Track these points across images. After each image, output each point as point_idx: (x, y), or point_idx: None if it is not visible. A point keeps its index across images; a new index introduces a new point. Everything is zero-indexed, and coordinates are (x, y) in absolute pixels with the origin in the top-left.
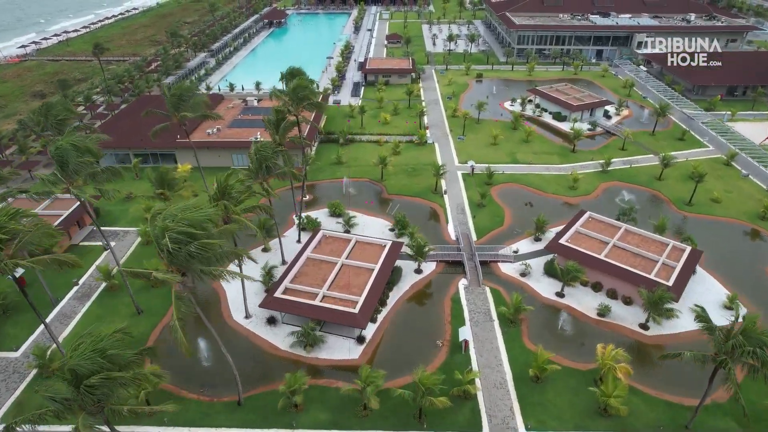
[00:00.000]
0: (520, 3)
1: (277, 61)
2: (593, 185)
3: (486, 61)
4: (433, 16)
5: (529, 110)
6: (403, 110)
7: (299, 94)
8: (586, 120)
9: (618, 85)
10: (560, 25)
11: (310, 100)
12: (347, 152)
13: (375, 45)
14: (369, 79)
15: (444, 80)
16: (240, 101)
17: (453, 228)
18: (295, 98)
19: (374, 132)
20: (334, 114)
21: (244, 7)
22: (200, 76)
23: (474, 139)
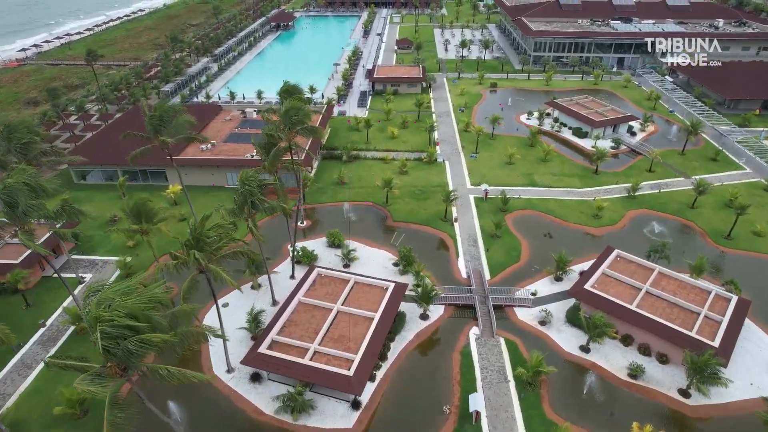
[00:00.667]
0: (537, 7)
1: (283, 66)
2: (619, 214)
3: (500, 68)
4: (445, 19)
5: (547, 125)
6: (412, 124)
7: (292, 118)
8: (608, 136)
9: (642, 97)
10: (579, 32)
11: (304, 124)
12: (350, 171)
13: (384, 50)
14: (377, 87)
15: (456, 90)
16: (239, 113)
17: (464, 264)
18: (288, 122)
19: (380, 148)
20: (338, 126)
21: (251, 9)
22: (201, 83)
23: (488, 158)
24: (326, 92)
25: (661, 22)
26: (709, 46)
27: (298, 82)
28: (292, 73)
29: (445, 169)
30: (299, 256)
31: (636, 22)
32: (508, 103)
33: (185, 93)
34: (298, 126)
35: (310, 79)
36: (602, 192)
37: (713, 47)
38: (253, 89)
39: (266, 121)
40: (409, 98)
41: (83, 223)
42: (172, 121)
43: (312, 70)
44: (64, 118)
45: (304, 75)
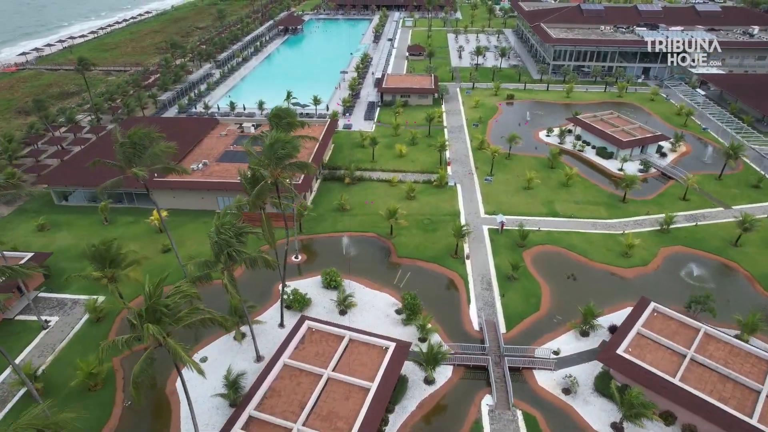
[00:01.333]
0: (557, 13)
1: (289, 73)
2: (651, 251)
3: (518, 78)
4: (460, 24)
5: (568, 143)
6: (423, 139)
7: (278, 153)
8: (636, 157)
9: (671, 112)
10: (602, 40)
11: (292, 158)
12: (353, 196)
13: (395, 57)
14: (386, 98)
15: (470, 102)
16: (236, 127)
17: (476, 313)
18: (273, 157)
19: (387, 167)
20: (343, 142)
21: (260, 11)
22: (200, 91)
23: (503, 181)
24: (332, 103)
25: (690, 29)
26: (709, 47)
27: (304, 90)
28: (297, 80)
29: (456, 194)
30: (290, 300)
31: (663, 29)
32: (526, 118)
33: (183, 102)
34: (286, 161)
35: (316, 87)
36: (631, 224)
37: (713, 47)
38: (256, 98)
39: (249, 154)
40: (420, 110)
41: (56, 255)
42: (148, 150)
43: (319, 78)
44: (52, 130)
45: (311, 83)
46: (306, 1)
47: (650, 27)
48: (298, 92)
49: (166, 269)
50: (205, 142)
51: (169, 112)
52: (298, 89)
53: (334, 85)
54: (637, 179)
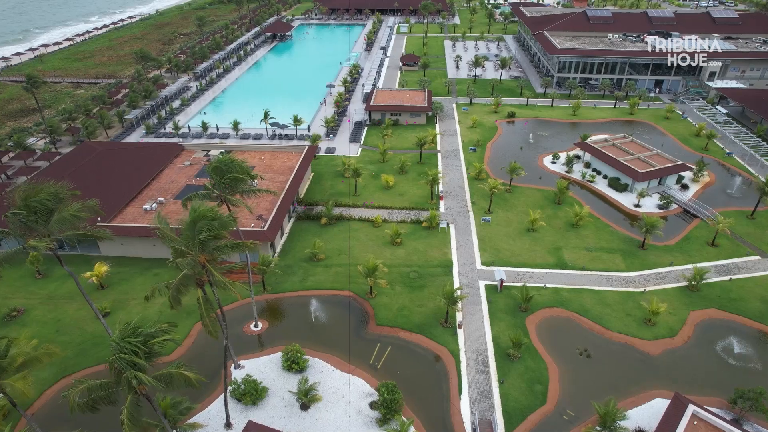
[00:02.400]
0: (561, 20)
1: (272, 85)
2: (679, 316)
3: (519, 92)
4: (458, 29)
5: (576, 172)
6: (413, 167)
7: (201, 236)
8: (653, 189)
9: (689, 133)
10: (611, 50)
11: (220, 240)
12: (331, 239)
13: (388, 67)
14: (374, 117)
15: (467, 120)
16: (203, 154)
17: (468, 406)
18: (195, 240)
19: (372, 203)
20: (324, 170)
21: (248, 17)
22: (172, 109)
23: (504, 220)
24: (315, 123)
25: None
26: (709, 47)
27: (288, 105)
28: (282, 94)
29: (449, 237)
30: (240, 391)
31: (676, 37)
32: (529, 140)
33: (151, 123)
34: (212, 245)
35: (301, 102)
36: (653, 278)
37: (713, 47)
38: (235, 115)
39: (161, 236)
40: (411, 131)
41: None
42: (54, 216)
43: (305, 91)
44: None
45: (296, 96)
46: (297, 6)
47: (662, 35)
48: (282, 107)
49: (99, 344)
50: (165, 173)
51: (136, 133)
52: (281, 105)
53: (320, 100)
54: (659, 224)
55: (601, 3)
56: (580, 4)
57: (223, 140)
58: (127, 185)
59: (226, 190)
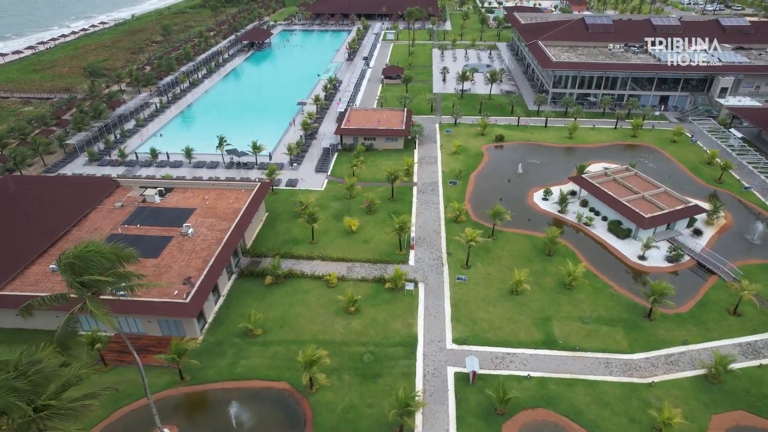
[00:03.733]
0: (557, 28)
1: (241, 101)
2: (699, 426)
3: (510, 110)
4: (448, 36)
5: (571, 212)
6: (384, 205)
7: None
8: (661, 234)
9: (699, 160)
10: (612, 64)
11: None
12: (273, 306)
13: (369, 79)
14: (346, 141)
15: (450, 144)
16: (139, 193)
17: None
18: None
19: (330, 254)
20: (281, 208)
21: (226, 22)
22: (124, 131)
23: (483, 279)
24: (281, 147)
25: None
26: (710, 47)
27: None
28: (250, 111)
29: (416, 302)
30: None
31: (683, 48)
32: (518, 171)
33: (95, 150)
34: None
35: (268, 122)
36: (662, 362)
37: (713, 47)
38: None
39: None
40: (387, 157)
41: None
42: None
43: (275, 108)
44: None
45: (264, 115)
46: (282, 10)
47: (668, 46)
48: (248, 127)
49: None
50: (91, 217)
51: (77, 161)
52: (247, 125)
53: (289, 120)
54: (669, 291)
55: (600, 6)
56: (579, 8)
57: (174, 168)
58: (38, 235)
59: (87, 294)
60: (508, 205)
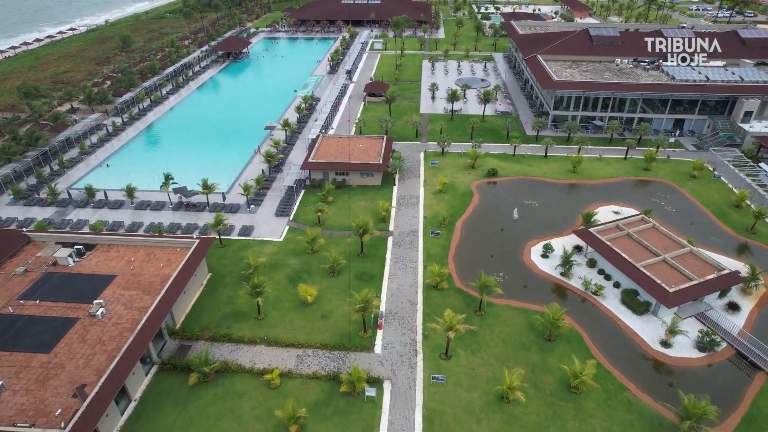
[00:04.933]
0: (558, 40)
1: (205, 123)
2: None
3: (506, 136)
4: (441, 45)
5: (576, 276)
6: (352, 262)
7: None
8: (687, 309)
9: (725, 202)
10: (621, 83)
11: None
12: (197, 414)
13: (351, 97)
14: (315, 176)
15: (434, 179)
16: (52, 252)
17: None
18: None
19: (276, 336)
20: (228, 267)
21: (203, 30)
22: (63, 162)
23: (466, 377)
24: (243, 179)
25: (734, 61)
26: (709, 46)
27: (214, 154)
28: (210, 137)
29: (379, 415)
30: None
31: (699, 65)
32: (513, 216)
33: (23, 187)
34: None
35: (229, 151)
36: None
37: (713, 47)
38: (149, 166)
39: None
40: (362, 195)
41: None
42: None
43: (240, 133)
44: None
45: (226, 142)
46: (266, 15)
47: (683, 61)
48: (208, 155)
49: None
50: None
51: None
52: (208, 152)
53: (255, 147)
54: (710, 413)
55: (603, 12)
56: (581, 14)
57: (114, 209)
58: None
59: None
60: (500, 264)
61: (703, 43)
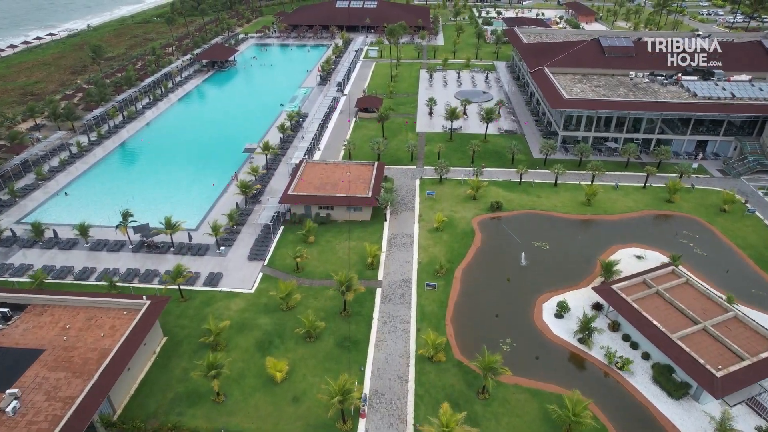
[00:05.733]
0: (566, 51)
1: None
2: None
3: (510, 160)
4: (439, 53)
5: (597, 345)
6: (331, 326)
7: None
8: (736, 394)
9: (764, 243)
10: (638, 102)
11: None
12: None
13: (341, 112)
14: (296, 210)
15: (432, 214)
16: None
17: None
18: None
19: (236, 426)
20: (187, 329)
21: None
22: (13, 191)
23: None
24: (213, 216)
25: (761, 75)
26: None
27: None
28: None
29: None
30: None
31: (720, 78)
32: (521, 262)
33: None
34: None
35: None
36: None
37: (713, 47)
38: (109, 198)
39: None
40: (348, 234)
41: None
42: None
43: (218, 155)
44: None
45: (201, 166)
46: (257, 20)
47: (704, 75)
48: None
49: None
50: None
51: None
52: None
53: (231, 174)
54: None
55: (610, 18)
56: (587, 19)
57: (65, 250)
58: None
59: None
60: (507, 327)
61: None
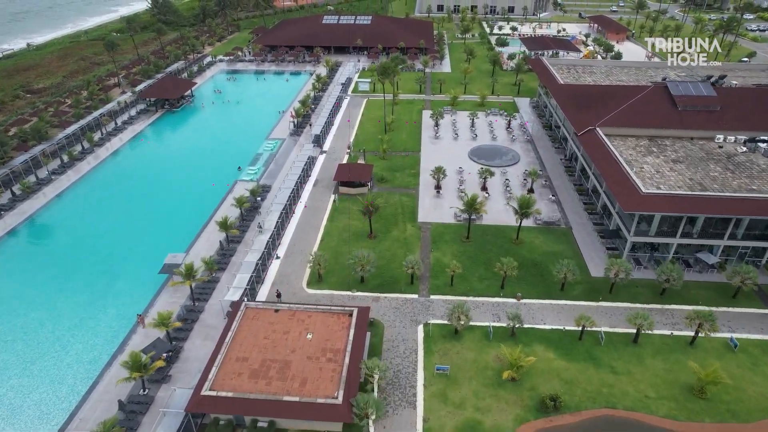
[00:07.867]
0: (620, 99)
1: (80, 250)
2: None
3: (561, 285)
4: (445, 87)
5: None
6: None
7: None
8: None
9: None
10: (760, 199)
11: None
12: None
13: (317, 183)
14: (218, 415)
15: (444, 413)
16: None
17: None
18: None
19: None
20: None
21: (142, 61)
22: None
23: None
24: (95, 409)
25: None
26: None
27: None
28: (84, 278)
29: None
30: None
31: None
32: None
33: None
34: None
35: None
36: None
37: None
38: None
39: None
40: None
41: None
42: None
43: (126, 280)
44: None
45: (93, 301)
46: (232, 36)
47: None
48: (59, 330)
49: None
50: None
51: None
52: (69, 310)
53: (137, 316)
54: None
55: (644, 35)
56: (618, 37)
57: None
58: None
59: None
60: None
61: None
